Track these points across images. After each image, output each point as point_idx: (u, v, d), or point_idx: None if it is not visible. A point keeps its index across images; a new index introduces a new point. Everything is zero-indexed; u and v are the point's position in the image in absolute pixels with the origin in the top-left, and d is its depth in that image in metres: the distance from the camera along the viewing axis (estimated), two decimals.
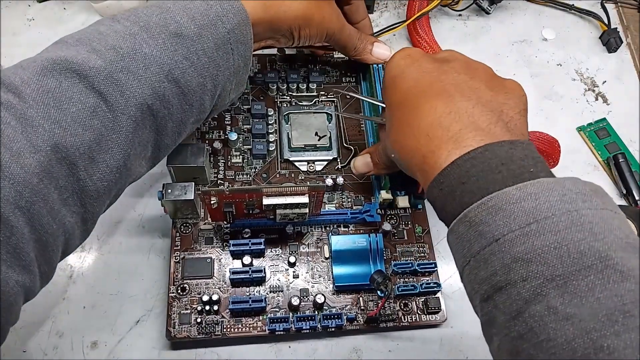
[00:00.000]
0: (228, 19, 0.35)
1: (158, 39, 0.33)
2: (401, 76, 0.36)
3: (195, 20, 0.34)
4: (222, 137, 0.48)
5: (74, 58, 0.30)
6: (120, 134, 0.31)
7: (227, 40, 0.35)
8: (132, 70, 0.32)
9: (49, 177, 0.28)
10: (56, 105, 0.29)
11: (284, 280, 0.43)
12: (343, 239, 0.42)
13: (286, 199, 0.39)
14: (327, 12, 0.43)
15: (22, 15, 0.56)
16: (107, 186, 0.32)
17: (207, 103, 0.36)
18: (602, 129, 0.52)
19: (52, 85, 0.29)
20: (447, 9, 0.58)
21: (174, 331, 0.40)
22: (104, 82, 0.31)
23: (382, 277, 0.40)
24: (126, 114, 0.31)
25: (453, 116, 0.31)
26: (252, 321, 0.41)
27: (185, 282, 0.42)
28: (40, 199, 0.28)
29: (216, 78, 0.35)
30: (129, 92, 0.31)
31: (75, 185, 0.30)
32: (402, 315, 0.42)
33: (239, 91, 0.40)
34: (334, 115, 0.50)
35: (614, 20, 0.58)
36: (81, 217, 0.31)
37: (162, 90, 0.33)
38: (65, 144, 0.29)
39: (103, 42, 0.32)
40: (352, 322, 0.41)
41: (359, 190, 0.47)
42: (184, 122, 0.35)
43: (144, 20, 0.33)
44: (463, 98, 0.32)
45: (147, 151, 0.34)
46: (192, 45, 0.33)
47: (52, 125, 0.29)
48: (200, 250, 0.43)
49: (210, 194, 0.38)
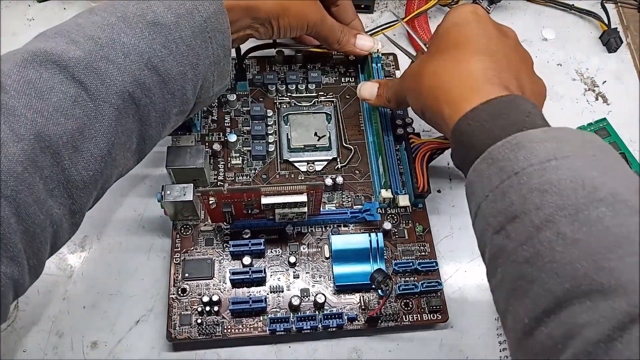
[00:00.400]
0: (204, 7, 0.35)
1: (136, 28, 0.33)
2: (464, 26, 0.37)
3: (172, 9, 0.34)
4: (221, 139, 0.48)
5: (54, 49, 0.31)
6: (102, 122, 0.32)
7: (204, 28, 0.35)
8: (112, 59, 0.32)
9: (33, 166, 0.28)
10: (37, 95, 0.29)
11: (284, 280, 0.43)
12: (343, 239, 0.42)
13: (284, 198, 0.39)
14: (305, 2, 0.43)
15: (22, 15, 0.56)
16: (92, 176, 0.32)
17: (190, 93, 0.36)
18: (602, 129, 0.52)
19: (32, 76, 0.30)
20: (447, 8, 0.58)
21: (174, 332, 0.40)
22: (84, 72, 0.31)
23: (382, 276, 0.40)
24: (107, 102, 0.32)
25: (497, 74, 0.34)
26: (252, 322, 0.41)
27: (185, 283, 0.42)
28: (26, 187, 0.28)
29: (196, 67, 0.36)
30: (109, 81, 0.32)
31: (61, 175, 0.30)
32: (403, 315, 0.42)
33: (222, 84, 0.40)
34: (332, 115, 0.50)
35: (614, 20, 0.58)
36: (69, 208, 0.31)
37: (142, 79, 0.33)
38: (48, 133, 0.29)
39: (81, 33, 0.32)
40: (352, 322, 0.41)
41: (359, 189, 0.47)
42: (167, 112, 0.36)
43: (121, 11, 0.33)
44: (510, 71, 0.35)
45: (131, 142, 0.35)
46: (170, 34, 0.34)
47: (35, 114, 0.29)
48: (200, 251, 0.43)
49: (208, 194, 0.38)
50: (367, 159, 0.48)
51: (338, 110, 0.50)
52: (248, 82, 0.51)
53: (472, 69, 0.34)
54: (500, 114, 0.31)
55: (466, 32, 0.37)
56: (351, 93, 0.52)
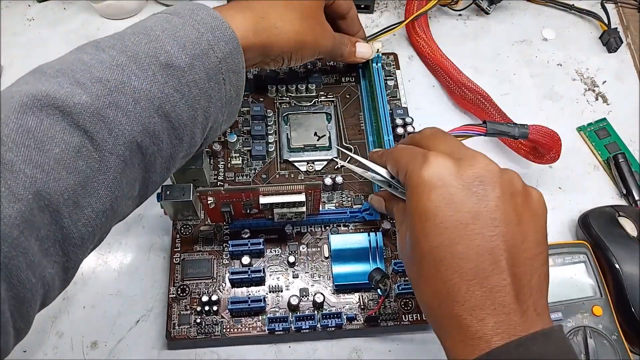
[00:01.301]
0: (220, 47, 0.33)
1: (148, 70, 0.30)
2: (434, 217, 0.29)
3: (187, 49, 0.32)
4: (221, 139, 0.48)
5: (57, 93, 0.28)
6: (107, 174, 0.29)
7: (218, 69, 0.33)
8: (121, 105, 0.29)
9: (30, 228, 0.26)
10: (37, 146, 0.26)
11: (283, 280, 0.43)
12: (342, 238, 0.42)
13: (283, 198, 0.39)
14: (319, 32, 0.42)
15: (22, 15, 0.56)
16: (91, 232, 0.29)
17: (198, 137, 0.34)
18: (602, 129, 0.52)
19: (32, 124, 0.27)
20: (446, 8, 0.58)
21: (173, 332, 0.40)
22: (90, 120, 0.28)
23: (380, 275, 0.40)
24: (114, 153, 0.29)
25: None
26: (251, 321, 0.41)
27: (185, 283, 0.42)
28: (20, 252, 0.25)
29: (207, 110, 0.33)
30: (117, 130, 0.29)
31: (58, 234, 0.27)
32: (402, 314, 0.42)
33: (230, 122, 0.38)
34: (332, 115, 0.50)
35: (614, 20, 0.58)
36: (62, 266, 0.29)
37: (152, 127, 0.30)
38: (48, 190, 0.26)
39: (87, 73, 0.29)
40: (351, 322, 0.41)
41: (359, 189, 0.47)
42: (174, 157, 0.33)
43: (131, 50, 0.31)
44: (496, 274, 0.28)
45: (134, 190, 0.32)
46: (184, 77, 0.31)
47: (34, 169, 0.26)
48: (200, 251, 0.43)
49: (207, 194, 0.38)
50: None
51: (338, 110, 0.50)
52: (247, 82, 0.51)
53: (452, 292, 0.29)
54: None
55: (438, 228, 0.29)
56: (351, 93, 0.52)
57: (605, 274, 0.43)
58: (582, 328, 0.41)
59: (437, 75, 0.54)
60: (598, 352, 0.40)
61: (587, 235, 0.45)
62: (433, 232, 0.29)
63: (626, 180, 0.48)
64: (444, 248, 0.29)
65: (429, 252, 0.29)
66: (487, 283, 0.28)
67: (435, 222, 0.29)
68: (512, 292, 0.28)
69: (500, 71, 0.55)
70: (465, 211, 0.29)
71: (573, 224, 0.47)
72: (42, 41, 0.55)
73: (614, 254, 0.42)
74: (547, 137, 0.44)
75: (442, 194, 0.29)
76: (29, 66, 0.31)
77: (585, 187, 0.49)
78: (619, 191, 0.49)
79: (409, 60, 0.56)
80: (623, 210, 0.45)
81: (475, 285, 0.28)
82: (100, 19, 0.56)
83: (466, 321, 0.28)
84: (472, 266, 0.28)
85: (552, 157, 0.46)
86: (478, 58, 0.56)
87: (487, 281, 0.28)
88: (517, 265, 0.28)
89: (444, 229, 0.29)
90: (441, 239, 0.29)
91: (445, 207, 0.29)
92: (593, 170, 0.50)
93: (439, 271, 0.29)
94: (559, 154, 0.46)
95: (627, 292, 0.41)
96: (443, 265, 0.29)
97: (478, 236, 0.28)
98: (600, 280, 0.43)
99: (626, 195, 0.48)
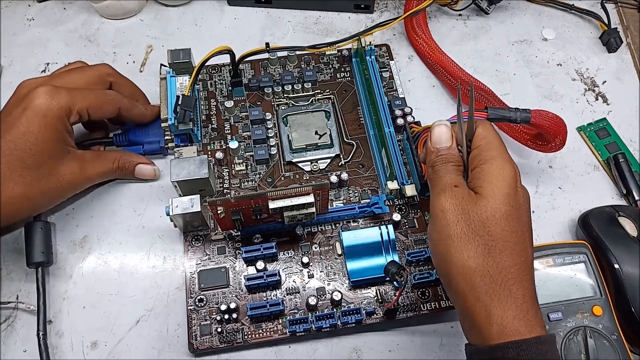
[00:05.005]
0: None
1: None
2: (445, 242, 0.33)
3: None
4: (223, 147, 0.48)
5: None
6: None
7: None
8: None
9: None
10: None
11: (299, 281, 0.43)
12: (354, 234, 0.42)
13: (292, 201, 0.39)
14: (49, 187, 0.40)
15: (22, 15, 0.56)
16: None
17: None
18: (602, 129, 0.52)
19: None
20: (446, 8, 0.58)
21: (196, 343, 0.40)
22: None
23: (396, 267, 0.40)
24: None
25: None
26: (272, 325, 0.41)
27: (202, 293, 0.42)
28: None
29: None
30: None
31: None
32: (421, 304, 0.42)
33: None
34: (331, 112, 0.50)
35: (614, 20, 0.58)
36: None
37: None
38: None
39: None
40: (371, 316, 0.41)
41: (365, 183, 0.47)
42: None
43: None
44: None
45: None
46: None
47: None
48: (214, 260, 0.43)
49: (216, 204, 0.39)
50: (370, 153, 0.48)
51: (336, 107, 0.50)
52: (244, 87, 0.51)
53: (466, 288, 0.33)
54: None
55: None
56: (347, 88, 0.52)
57: (605, 274, 0.43)
58: (582, 328, 0.41)
59: (437, 73, 0.54)
60: (598, 352, 0.40)
61: (587, 235, 0.45)
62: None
63: (626, 180, 0.48)
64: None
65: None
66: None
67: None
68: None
69: (500, 71, 0.55)
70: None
71: (573, 224, 0.47)
72: (42, 41, 0.55)
73: (614, 254, 0.42)
74: (551, 121, 0.43)
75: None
76: (29, 66, 0.31)
77: (585, 187, 0.49)
78: (619, 191, 0.49)
79: (409, 60, 0.56)
80: (623, 210, 0.45)
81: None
82: (100, 19, 0.56)
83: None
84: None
85: (558, 145, 0.45)
86: (478, 58, 0.56)
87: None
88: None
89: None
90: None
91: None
92: (593, 170, 0.50)
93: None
94: (564, 141, 0.45)
95: (627, 292, 0.41)
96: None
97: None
98: (600, 280, 0.43)
99: (626, 195, 0.48)
